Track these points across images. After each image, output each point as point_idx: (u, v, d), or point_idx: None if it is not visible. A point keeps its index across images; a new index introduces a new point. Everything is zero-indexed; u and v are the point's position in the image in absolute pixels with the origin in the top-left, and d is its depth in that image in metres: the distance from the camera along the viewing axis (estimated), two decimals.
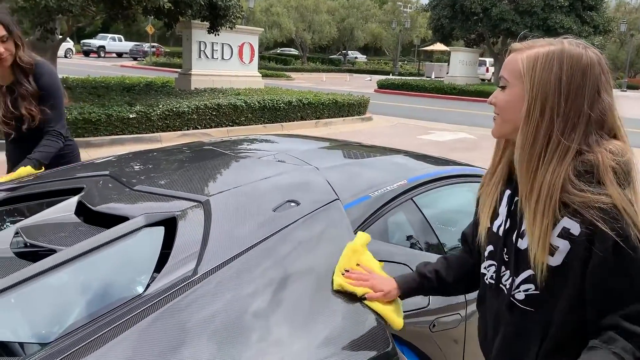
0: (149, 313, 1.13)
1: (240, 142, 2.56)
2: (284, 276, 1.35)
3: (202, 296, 1.22)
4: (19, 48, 2.34)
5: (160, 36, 44.22)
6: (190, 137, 9.24)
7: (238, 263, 1.34)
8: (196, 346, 1.09)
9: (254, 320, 1.20)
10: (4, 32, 2.26)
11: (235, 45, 13.99)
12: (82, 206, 1.69)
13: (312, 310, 1.29)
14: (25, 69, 2.37)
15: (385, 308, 1.36)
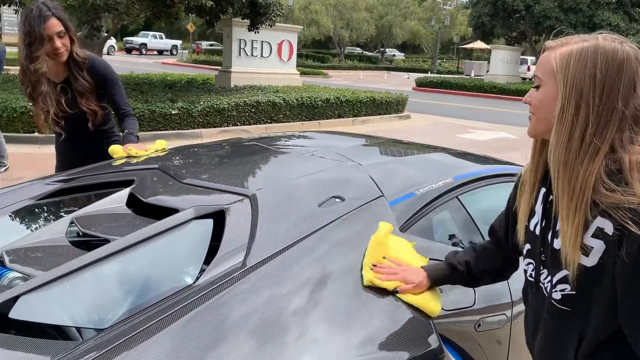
0: (200, 302, 1.16)
1: (283, 138, 2.58)
2: (328, 270, 1.36)
3: (250, 287, 1.24)
4: (73, 43, 2.40)
5: (201, 34, 44.87)
6: (230, 133, 9.36)
7: (285, 256, 1.35)
8: (246, 334, 1.11)
9: (299, 311, 1.22)
10: (61, 27, 2.31)
11: (275, 43, 14.08)
12: (133, 198, 1.74)
13: (359, 304, 1.30)
14: (80, 63, 2.43)
15: (418, 298, 1.36)
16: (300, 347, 1.14)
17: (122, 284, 1.36)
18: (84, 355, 1.02)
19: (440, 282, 1.45)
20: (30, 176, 5.77)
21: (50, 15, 2.28)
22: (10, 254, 1.46)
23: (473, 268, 1.43)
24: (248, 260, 1.31)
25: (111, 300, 1.30)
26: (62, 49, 2.34)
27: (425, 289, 1.40)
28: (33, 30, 2.26)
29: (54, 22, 2.29)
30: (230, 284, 1.22)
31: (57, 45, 2.31)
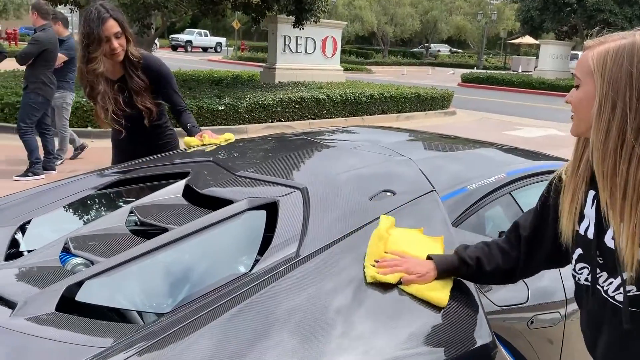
0: (257, 290, 1.19)
1: (331, 132, 2.60)
2: None
3: (304, 276, 1.26)
4: (129, 43, 2.48)
5: (245, 31, 45.41)
6: (274, 129, 9.46)
7: (337, 248, 1.37)
8: (303, 319, 1.13)
9: (349, 301, 1.23)
10: (118, 28, 2.39)
11: (319, 39, 14.12)
12: (189, 189, 1.79)
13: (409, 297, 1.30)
14: (135, 62, 2.50)
15: (423, 288, 1.31)
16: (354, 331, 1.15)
17: (180, 270, 1.41)
18: (151, 338, 1.06)
19: (448, 274, 1.39)
20: (84, 169, 5.99)
21: (109, 16, 2.36)
22: (74, 241, 1.54)
23: (484, 265, 1.37)
24: (302, 251, 1.34)
25: (171, 286, 1.35)
26: (119, 49, 2.42)
27: (432, 280, 1.35)
28: (92, 32, 2.34)
29: (112, 24, 2.37)
30: (285, 272, 1.25)
31: (115, 46, 2.39)
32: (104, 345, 1.08)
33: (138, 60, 2.52)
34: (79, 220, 1.85)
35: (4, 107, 8.09)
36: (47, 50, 5.72)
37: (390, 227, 1.47)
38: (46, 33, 5.73)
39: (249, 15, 11.40)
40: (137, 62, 2.52)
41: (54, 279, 1.36)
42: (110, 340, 1.10)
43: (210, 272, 1.39)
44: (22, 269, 1.43)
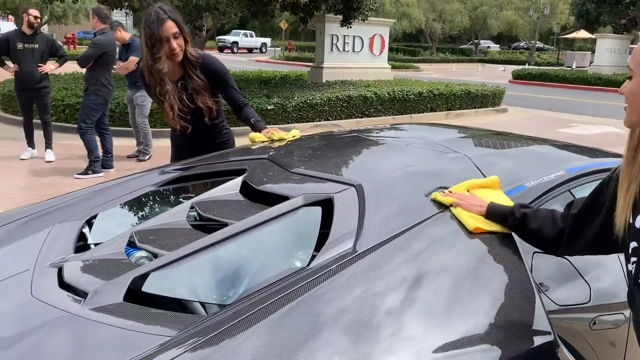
0: (316, 283, 1.20)
1: (382, 129, 2.60)
2: (436, 258, 1.36)
3: (361, 271, 1.27)
4: (187, 43, 2.55)
5: (292, 31, 45.74)
6: (322, 128, 9.51)
7: (393, 244, 1.37)
8: (360, 314, 1.15)
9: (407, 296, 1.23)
10: (176, 29, 2.47)
11: (366, 37, 14.08)
12: (246, 186, 1.84)
13: (471, 289, 1.29)
14: (193, 62, 2.57)
15: (463, 213, 1.48)
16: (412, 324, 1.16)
17: (240, 264, 1.45)
18: (216, 329, 1.10)
19: (496, 218, 1.48)
20: (143, 167, 6.20)
21: (167, 18, 2.44)
22: (138, 235, 1.60)
23: (528, 222, 1.43)
24: (358, 246, 1.35)
25: (232, 279, 1.39)
26: (178, 49, 2.50)
27: (478, 214, 1.48)
28: (153, 33, 2.43)
29: (170, 24, 2.45)
30: (343, 267, 1.26)
31: (173, 46, 2.47)
32: (169, 334, 1.13)
33: (197, 60, 2.59)
34: (142, 215, 1.93)
35: (65, 108, 8.46)
36: (107, 52, 5.95)
37: (490, 184, 1.63)
38: (105, 36, 5.96)
39: (297, 15, 11.48)
40: (196, 61, 2.59)
41: (120, 270, 1.42)
42: (175, 330, 1.14)
43: (269, 266, 1.43)
44: (91, 261, 1.51)
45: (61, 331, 1.21)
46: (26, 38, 6.34)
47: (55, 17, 33.63)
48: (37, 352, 1.15)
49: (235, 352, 1.03)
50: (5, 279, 1.43)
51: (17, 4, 23.10)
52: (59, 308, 1.27)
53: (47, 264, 1.49)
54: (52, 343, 1.18)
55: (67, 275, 1.42)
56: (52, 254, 1.56)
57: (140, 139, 7.06)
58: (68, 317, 1.23)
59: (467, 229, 1.45)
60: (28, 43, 6.33)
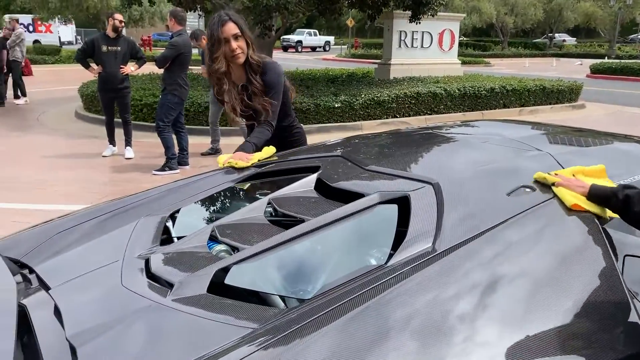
0: (395, 282, 1.20)
1: (457, 126, 2.54)
2: (518, 258, 1.32)
3: (441, 271, 1.25)
4: (249, 47, 2.60)
5: (359, 28, 45.60)
6: (390, 125, 9.43)
7: (473, 245, 1.34)
8: (440, 313, 1.13)
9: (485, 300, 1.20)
10: (237, 30, 2.53)
11: (435, 33, 13.82)
12: (320, 183, 1.85)
13: (553, 296, 1.24)
14: (254, 66, 2.62)
15: (564, 191, 1.51)
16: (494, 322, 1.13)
17: (318, 260, 1.46)
18: (295, 323, 1.12)
19: (598, 200, 1.49)
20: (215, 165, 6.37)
21: (228, 19, 2.52)
22: (219, 229, 1.65)
23: (632, 204, 1.41)
24: (437, 246, 1.33)
25: (310, 274, 1.41)
26: (238, 51, 2.55)
27: (580, 194, 1.50)
28: (213, 34, 2.52)
29: (231, 26, 2.52)
30: (423, 266, 1.25)
31: (233, 47, 2.52)
32: (252, 326, 1.16)
33: (257, 64, 2.63)
34: (222, 210, 1.99)
35: (142, 107, 8.86)
36: (183, 53, 6.18)
37: (596, 172, 1.66)
38: (182, 38, 6.19)
39: (365, 12, 11.44)
40: (257, 66, 2.63)
41: (203, 263, 1.47)
42: (257, 324, 1.17)
43: (346, 263, 1.43)
44: (175, 253, 1.57)
45: (149, 319, 1.27)
46: (110, 41, 6.69)
47: (132, 20, 35.29)
48: (126, 338, 1.21)
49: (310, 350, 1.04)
50: (98, 269, 1.52)
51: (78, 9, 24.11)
52: (147, 297, 1.33)
53: (135, 256, 1.57)
54: (140, 330, 1.24)
55: (153, 266, 1.48)
56: (140, 246, 1.64)
57: (216, 137, 7.30)
58: (155, 306, 1.29)
59: (565, 209, 1.47)
60: (112, 46, 6.68)
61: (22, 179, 6.18)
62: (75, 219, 1.90)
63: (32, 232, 1.86)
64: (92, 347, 1.17)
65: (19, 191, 5.69)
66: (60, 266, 1.58)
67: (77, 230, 1.82)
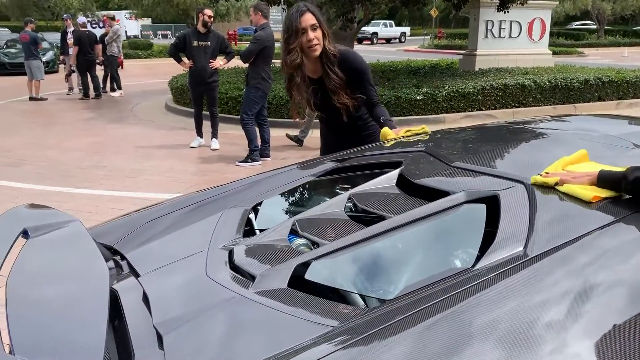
0: (484, 286, 1.14)
1: (550, 121, 2.40)
2: (614, 270, 1.21)
3: (532, 278, 1.17)
4: (325, 38, 2.56)
5: (442, 18, 44.50)
6: (474, 118, 9.13)
7: (568, 250, 1.25)
8: (528, 322, 1.06)
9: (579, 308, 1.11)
10: (314, 21, 2.51)
11: (525, 22, 13.20)
12: (402, 179, 1.81)
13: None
14: (331, 57, 2.58)
15: (574, 186, 1.43)
16: None
17: (400, 260, 1.42)
18: (378, 324, 1.09)
19: (609, 185, 1.42)
20: (294, 157, 6.47)
21: (306, 10, 2.50)
22: (300, 223, 1.65)
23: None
24: (529, 250, 1.25)
25: (392, 274, 1.37)
26: (315, 42, 2.52)
27: (588, 184, 1.43)
28: (291, 25, 2.51)
29: (309, 16, 2.50)
30: (513, 272, 1.18)
31: (310, 37, 2.49)
32: (332, 324, 1.14)
33: (334, 55, 2.59)
34: (303, 204, 2.00)
35: (228, 101, 9.13)
36: (267, 47, 6.28)
37: (580, 159, 1.62)
38: (265, 31, 6.29)
39: (450, 1, 11.11)
40: (334, 56, 2.59)
41: (284, 257, 1.48)
42: (337, 322, 1.15)
43: (430, 264, 1.39)
44: (257, 245, 1.59)
45: (231, 311, 1.29)
46: (200, 36, 6.93)
47: (219, 15, 36.48)
48: (208, 328, 1.23)
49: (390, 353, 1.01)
50: (184, 258, 1.56)
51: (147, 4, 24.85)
52: (230, 289, 1.35)
53: (219, 247, 1.61)
54: (222, 321, 1.26)
55: (236, 258, 1.51)
56: (223, 237, 1.67)
57: (306, 130, 7.36)
58: (238, 298, 1.31)
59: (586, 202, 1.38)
60: (202, 41, 6.92)
61: (117, 167, 6.57)
62: (164, 209, 1.98)
63: (125, 220, 1.96)
64: (176, 335, 1.20)
65: (114, 179, 6.05)
66: (149, 254, 1.65)
67: (166, 220, 1.89)
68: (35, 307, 1.26)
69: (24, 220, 1.66)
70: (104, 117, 10.43)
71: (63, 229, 1.63)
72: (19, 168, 6.57)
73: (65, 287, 1.35)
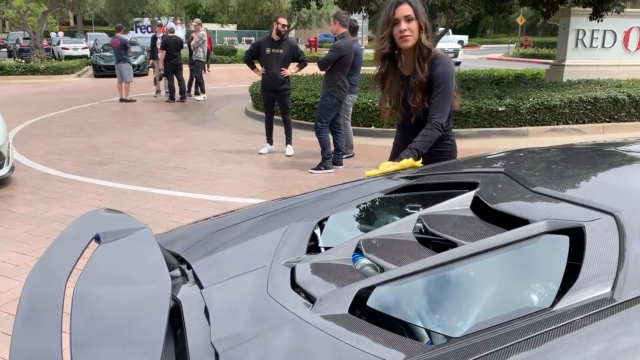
0: (564, 331, 1.03)
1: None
2: None
3: (621, 324, 1.05)
4: (422, 31, 2.44)
5: (529, 26, 42.80)
6: (560, 132, 8.66)
7: None
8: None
9: None
10: (410, 12, 2.41)
11: (621, 31, 12.42)
12: (478, 202, 1.70)
13: None
14: (424, 53, 2.46)
15: None
16: None
17: (470, 292, 1.33)
18: None
19: None
20: (367, 166, 6.44)
21: (404, 1, 2.43)
22: (366, 243, 1.59)
23: None
24: (618, 292, 1.12)
25: (461, 308, 1.28)
26: (407, 33, 2.42)
27: None
28: (385, 15, 2.45)
29: (406, 7, 2.42)
30: (598, 318, 1.06)
31: (403, 27, 2.41)
32: (391, 359, 1.07)
33: (428, 50, 2.47)
34: (370, 221, 1.93)
35: (304, 107, 9.21)
36: (344, 56, 6.28)
37: None
38: (344, 40, 6.29)
39: (538, 9, 10.62)
40: (428, 51, 2.47)
41: (347, 278, 1.42)
42: (402, 356, 1.08)
43: (503, 299, 1.28)
44: (320, 264, 1.55)
45: (289, 334, 1.25)
46: (274, 43, 7.04)
47: (301, 22, 37.08)
48: (265, 350, 1.20)
49: None
50: (247, 272, 1.55)
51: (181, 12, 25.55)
52: (290, 310, 1.31)
53: (282, 263, 1.58)
54: (279, 344, 1.23)
55: (298, 277, 1.47)
56: (287, 252, 1.64)
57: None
58: (297, 320, 1.27)
59: None
60: (275, 48, 7.02)
61: (195, 170, 6.78)
62: (232, 218, 1.98)
63: (194, 228, 1.98)
64: (232, 355, 1.18)
65: (191, 181, 6.25)
66: (214, 266, 1.65)
67: (233, 231, 1.89)
68: (97, 315, 1.29)
69: (98, 225, 1.71)
70: (187, 119, 10.84)
71: (133, 235, 1.67)
72: (106, 166, 6.94)
73: (127, 296, 1.37)
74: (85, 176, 6.45)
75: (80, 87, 17.02)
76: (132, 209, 5.19)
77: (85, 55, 26.31)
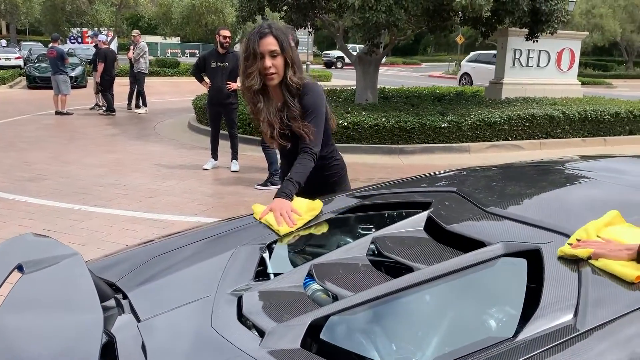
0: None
1: (593, 160, 2.22)
2: None
3: (585, 351, 1.01)
4: (288, 67, 2.24)
5: (468, 45, 44.39)
6: (500, 148, 8.92)
7: (630, 318, 1.08)
8: None
9: None
10: (276, 47, 2.18)
11: (554, 52, 13.02)
12: (432, 222, 1.65)
13: None
14: (292, 89, 2.27)
15: (612, 263, 1.23)
16: None
17: (430, 321, 1.26)
18: None
19: None
20: None
21: (268, 33, 2.18)
22: (318, 268, 1.51)
23: None
24: (580, 319, 1.08)
25: (420, 339, 1.21)
26: (272, 70, 2.20)
27: (627, 259, 1.23)
28: (249, 47, 2.20)
29: (269, 41, 2.18)
30: (562, 348, 1.01)
31: (266, 65, 2.18)
32: None
33: (297, 87, 2.28)
34: (322, 244, 1.85)
35: (250, 122, 9.05)
36: None
37: (612, 220, 1.43)
38: None
39: (478, 29, 10.98)
40: (296, 89, 2.28)
41: (298, 309, 1.33)
42: None
43: (464, 328, 1.22)
44: (269, 292, 1.44)
45: None
46: (219, 57, 6.91)
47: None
48: None
49: None
50: (190, 303, 1.42)
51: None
52: (236, 346, 1.21)
53: (228, 292, 1.46)
54: None
55: (246, 307, 1.37)
56: (233, 279, 1.53)
57: None
58: (244, 357, 1.16)
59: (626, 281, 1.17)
60: (220, 62, 6.89)
61: (135, 186, 6.50)
62: (173, 242, 1.85)
63: (131, 252, 1.83)
64: None
65: (130, 199, 5.98)
66: (153, 295, 1.51)
67: (174, 256, 1.75)
68: (16, 355, 1.13)
69: (21, 253, 1.55)
70: (127, 133, 10.46)
71: (61, 264, 1.51)
72: (39, 183, 6.55)
73: (52, 332, 1.22)
74: (14, 194, 6.05)
75: (12, 99, 16.17)
76: (66, 228, 4.89)
77: (18, 66, 25.09)
